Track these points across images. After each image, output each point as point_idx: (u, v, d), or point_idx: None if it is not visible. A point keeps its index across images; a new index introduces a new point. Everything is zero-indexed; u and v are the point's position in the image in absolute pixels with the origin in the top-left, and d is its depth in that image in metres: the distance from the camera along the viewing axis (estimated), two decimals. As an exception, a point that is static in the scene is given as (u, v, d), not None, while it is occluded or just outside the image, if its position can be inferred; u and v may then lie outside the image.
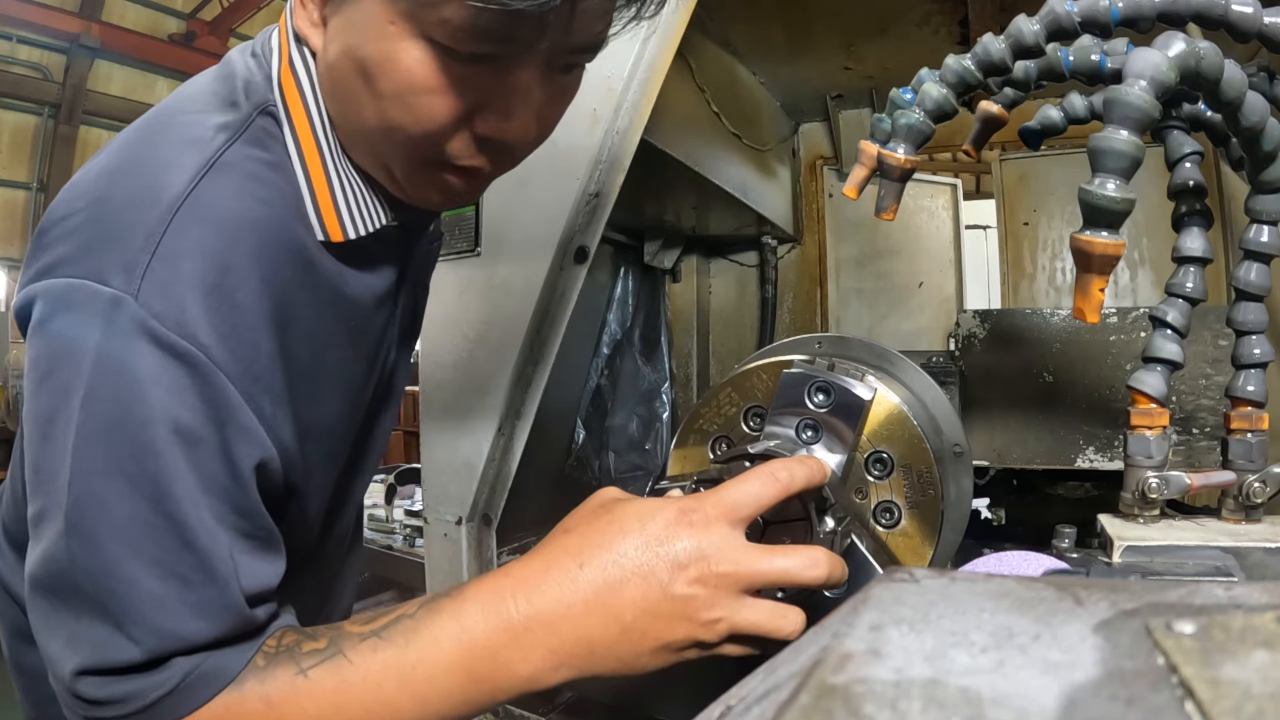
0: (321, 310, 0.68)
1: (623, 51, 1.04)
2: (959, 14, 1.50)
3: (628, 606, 0.57)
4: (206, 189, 0.59)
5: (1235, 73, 0.66)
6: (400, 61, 0.58)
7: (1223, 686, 0.23)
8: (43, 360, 0.58)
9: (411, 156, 0.65)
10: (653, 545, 0.58)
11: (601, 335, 1.76)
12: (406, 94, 0.59)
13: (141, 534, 0.56)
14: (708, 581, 0.57)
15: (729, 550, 0.58)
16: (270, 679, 0.59)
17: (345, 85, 0.63)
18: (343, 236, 0.68)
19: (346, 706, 0.58)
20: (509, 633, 0.58)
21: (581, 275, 1.08)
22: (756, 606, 0.59)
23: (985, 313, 1.23)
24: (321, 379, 0.69)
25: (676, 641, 0.58)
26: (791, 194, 2.14)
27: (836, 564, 0.61)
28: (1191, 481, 0.72)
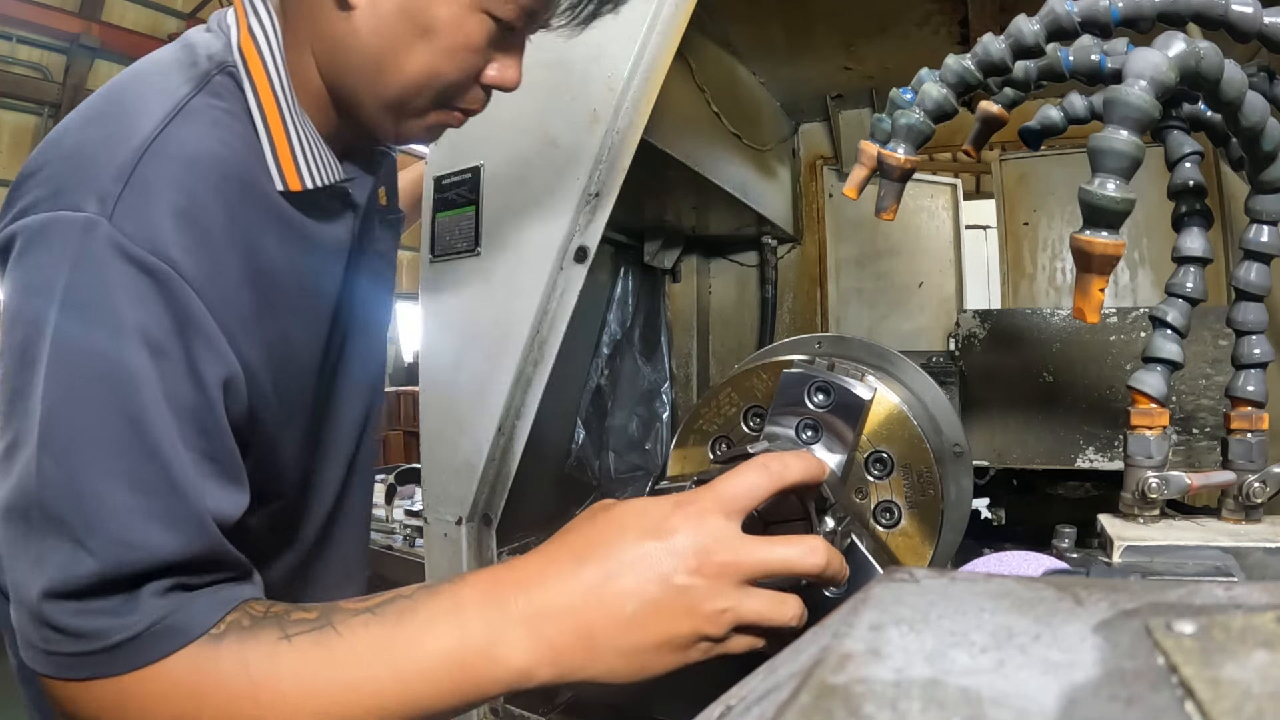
0: (287, 251, 0.73)
1: (623, 51, 1.04)
2: (959, 14, 1.50)
3: (628, 598, 0.57)
4: (174, 130, 0.65)
5: (1235, 73, 0.66)
6: (465, 25, 0.72)
7: (1223, 686, 0.23)
8: (19, 292, 0.61)
9: (436, 98, 0.76)
10: (651, 538, 0.58)
11: (601, 335, 1.76)
12: (460, 49, 0.73)
13: (107, 445, 0.58)
14: (707, 572, 0.57)
15: (727, 540, 0.58)
16: (252, 641, 0.58)
17: (394, 38, 0.72)
18: (301, 186, 0.73)
19: (328, 680, 0.57)
20: (505, 623, 0.57)
21: (581, 275, 1.08)
22: (758, 596, 0.59)
23: (985, 313, 1.23)
24: (287, 316, 0.73)
25: (681, 636, 0.58)
26: (791, 194, 2.14)
27: (835, 554, 0.61)
28: (1191, 481, 0.72)
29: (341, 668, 0.57)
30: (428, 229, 1.23)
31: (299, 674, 0.57)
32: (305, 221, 0.76)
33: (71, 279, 0.59)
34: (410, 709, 0.58)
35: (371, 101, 0.76)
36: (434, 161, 1.23)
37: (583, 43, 1.08)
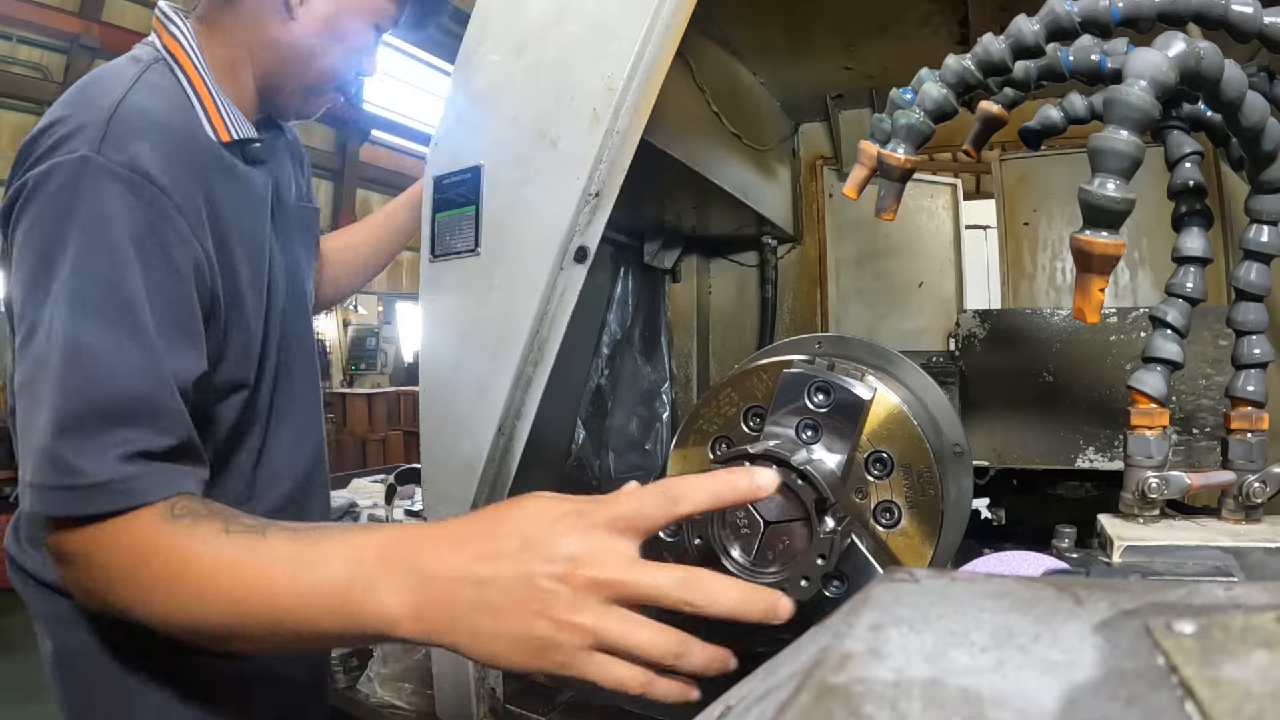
0: (225, 182, 0.96)
1: (623, 51, 1.04)
2: (959, 14, 1.50)
3: (494, 586, 0.59)
4: (132, 96, 0.88)
5: (1235, 73, 0.66)
6: (364, 34, 1.11)
7: (1223, 686, 0.23)
8: (37, 217, 0.80)
9: (330, 83, 1.12)
10: (535, 538, 0.60)
11: (601, 335, 1.76)
12: (357, 50, 1.12)
13: (101, 316, 0.77)
14: (574, 582, 0.58)
15: (601, 556, 0.58)
16: (201, 526, 0.72)
17: (319, 41, 1.06)
18: (229, 137, 0.99)
19: (245, 570, 0.68)
20: (389, 574, 0.63)
21: (581, 275, 1.08)
22: (629, 621, 0.58)
23: (985, 313, 1.23)
24: (230, 226, 0.95)
25: (533, 637, 0.58)
26: (791, 194, 2.14)
27: (730, 589, 0.59)
28: (1191, 481, 0.72)
29: (258, 565, 0.68)
30: (428, 229, 1.23)
31: (226, 559, 0.69)
32: (235, 164, 1.01)
33: (75, 196, 0.79)
34: (293, 615, 0.66)
35: (295, 85, 1.09)
36: (434, 161, 1.23)
37: (583, 43, 1.08)
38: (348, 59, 1.10)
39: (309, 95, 1.11)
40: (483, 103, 1.18)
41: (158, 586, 0.71)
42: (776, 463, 0.71)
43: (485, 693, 1.23)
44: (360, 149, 10.62)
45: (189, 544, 0.71)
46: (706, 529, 0.75)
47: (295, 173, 1.21)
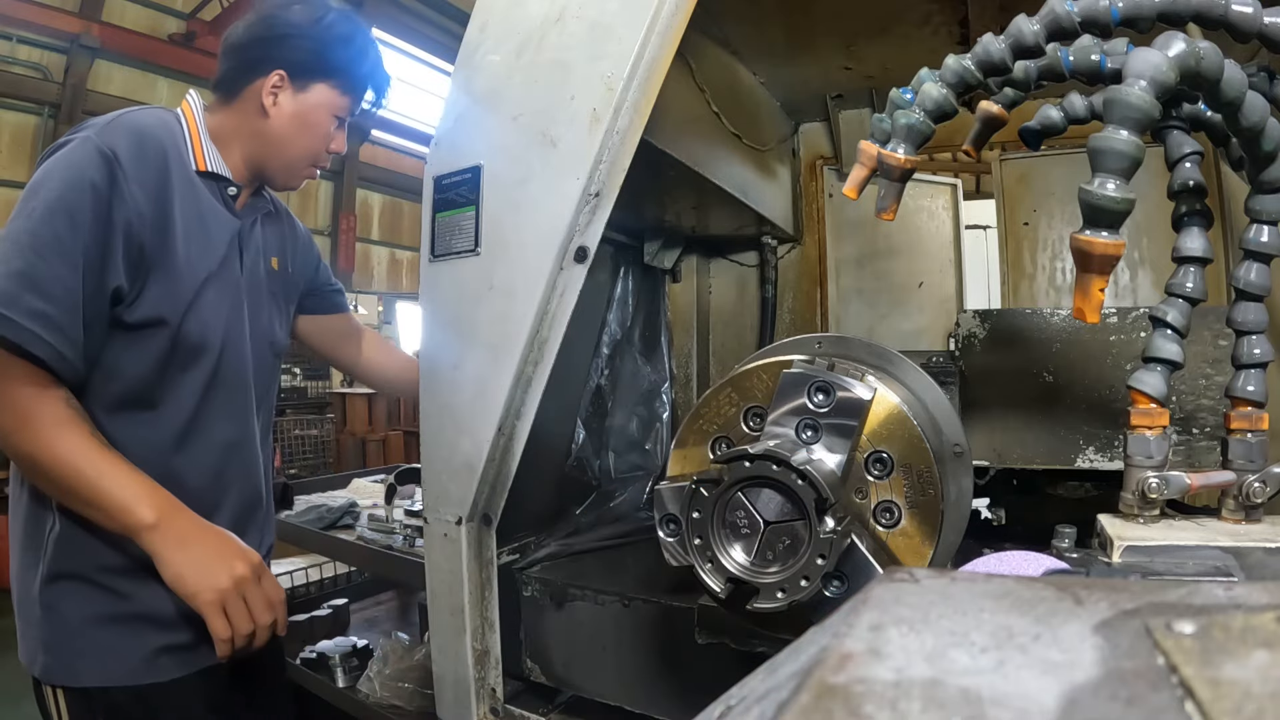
0: (190, 196, 1.33)
1: (623, 51, 1.04)
2: (959, 14, 1.50)
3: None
4: (137, 114, 1.31)
5: (1235, 73, 0.66)
6: (323, 123, 1.47)
7: (1223, 686, 0.23)
8: (41, 169, 1.22)
9: (307, 160, 1.48)
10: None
11: (601, 335, 1.76)
12: (323, 138, 1.48)
13: (49, 235, 1.16)
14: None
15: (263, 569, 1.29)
16: (81, 419, 1.20)
17: (284, 129, 1.44)
18: (204, 167, 1.36)
19: (73, 453, 1.17)
20: (156, 510, 1.19)
21: (581, 275, 1.08)
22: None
23: (985, 313, 1.23)
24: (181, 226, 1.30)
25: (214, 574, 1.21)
26: (791, 194, 2.14)
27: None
28: (1191, 481, 0.72)
29: (83, 453, 1.17)
30: (428, 229, 1.23)
31: (69, 438, 1.17)
32: (205, 191, 1.37)
33: (68, 158, 1.20)
34: (80, 491, 1.18)
35: (276, 164, 1.46)
36: (434, 161, 1.23)
37: (583, 43, 1.08)
38: (314, 144, 1.46)
39: (289, 172, 1.47)
40: (483, 103, 1.18)
41: (40, 429, 1.16)
42: (776, 463, 0.71)
43: (485, 693, 1.23)
44: (360, 149, 10.61)
45: (71, 427, 1.17)
46: (706, 529, 0.75)
47: (274, 244, 1.56)
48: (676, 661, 1.13)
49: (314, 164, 1.49)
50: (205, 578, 1.18)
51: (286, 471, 6.23)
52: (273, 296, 1.54)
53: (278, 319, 1.57)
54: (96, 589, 1.25)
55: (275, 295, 1.56)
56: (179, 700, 1.30)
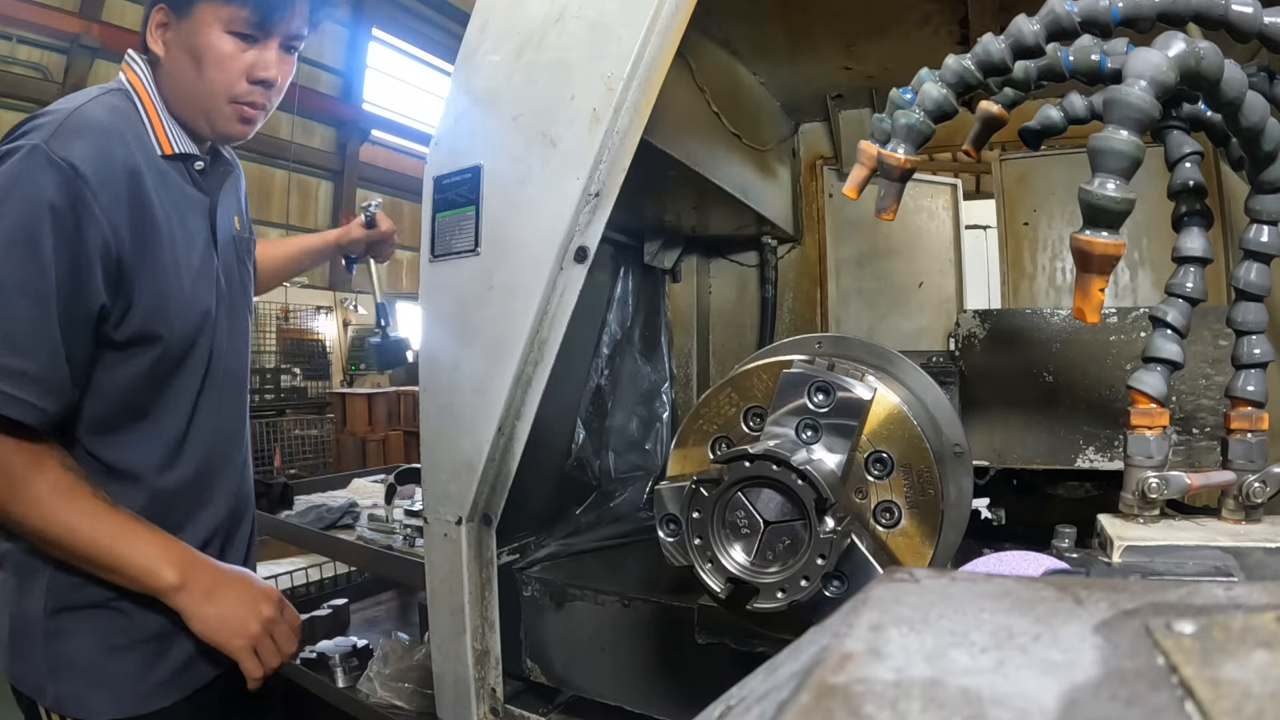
0: (165, 188, 1.22)
1: (623, 51, 1.04)
2: (959, 14, 1.50)
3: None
4: (88, 107, 1.16)
5: (1235, 73, 0.66)
6: (215, 44, 1.21)
7: (1223, 686, 0.23)
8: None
9: (221, 99, 1.24)
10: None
11: (601, 335, 1.76)
12: (219, 60, 1.21)
13: (13, 271, 1.05)
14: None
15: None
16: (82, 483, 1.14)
17: (184, 72, 1.22)
18: (171, 150, 1.24)
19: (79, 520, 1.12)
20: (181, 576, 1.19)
21: (581, 275, 1.08)
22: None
23: (985, 313, 1.23)
24: (162, 225, 1.19)
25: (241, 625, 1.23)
26: (791, 194, 2.14)
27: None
28: (1191, 481, 0.72)
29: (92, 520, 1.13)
30: (428, 229, 1.23)
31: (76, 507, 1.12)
32: (172, 173, 1.25)
33: (17, 176, 1.07)
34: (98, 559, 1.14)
35: (194, 115, 1.26)
36: (434, 161, 1.23)
37: (583, 43, 1.08)
38: (222, 75, 1.21)
39: (210, 118, 1.25)
40: (483, 103, 1.18)
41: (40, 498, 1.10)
42: (776, 463, 0.71)
43: (485, 693, 1.23)
44: (360, 149, 10.62)
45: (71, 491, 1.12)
46: (706, 529, 0.75)
47: (233, 204, 1.43)
48: (676, 661, 1.13)
49: (236, 99, 1.24)
50: (236, 626, 1.20)
51: (286, 471, 6.23)
52: (241, 264, 1.43)
53: (249, 285, 1.48)
54: (107, 614, 1.21)
55: (244, 261, 1.45)
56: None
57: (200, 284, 1.28)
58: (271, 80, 1.25)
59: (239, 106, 1.25)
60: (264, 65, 1.23)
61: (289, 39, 1.27)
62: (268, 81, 1.25)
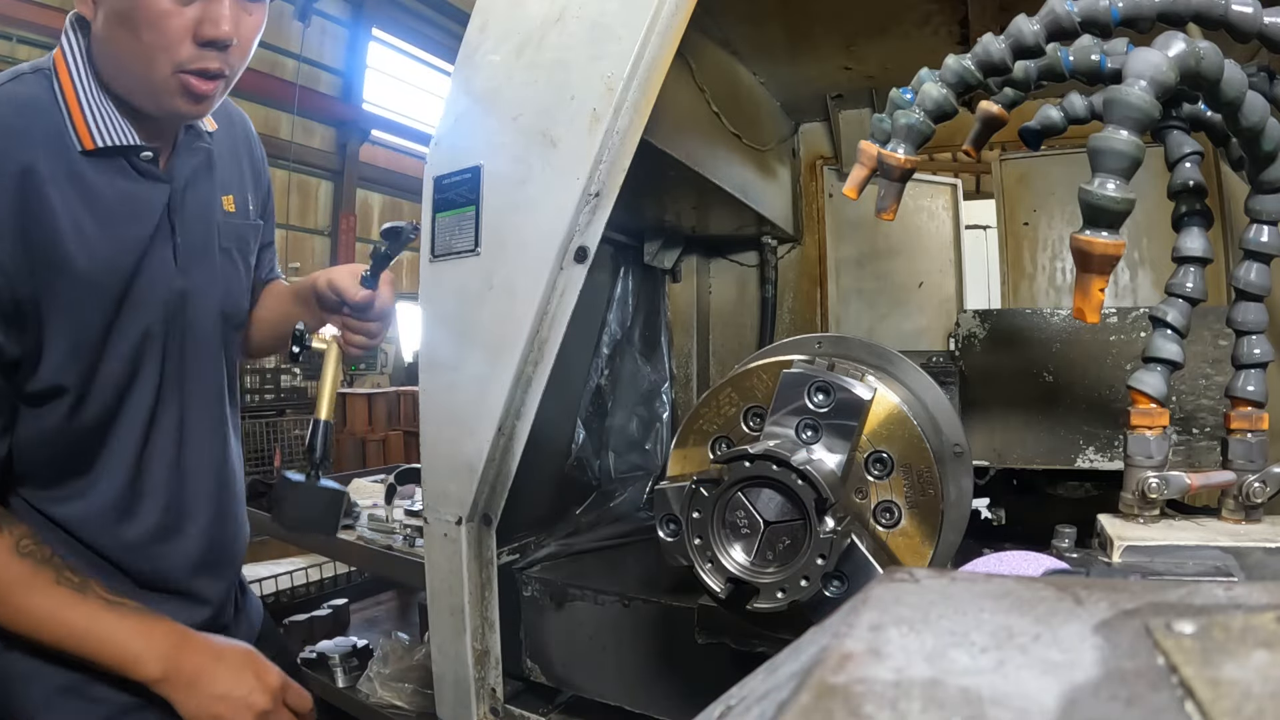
0: (77, 199, 1.00)
1: (623, 51, 1.04)
2: (959, 14, 1.50)
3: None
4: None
5: (1235, 73, 0.66)
6: (157, 6, 0.93)
7: (1223, 686, 0.23)
8: None
9: (163, 68, 0.97)
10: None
11: (601, 335, 1.76)
12: (154, 20, 0.94)
13: None
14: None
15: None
16: (40, 570, 0.99)
17: (115, 37, 0.97)
18: (93, 145, 1.01)
19: (48, 612, 1.00)
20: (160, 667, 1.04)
21: (581, 275, 1.08)
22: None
23: (985, 313, 1.23)
24: (74, 244, 0.99)
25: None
26: (791, 194, 2.14)
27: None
28: (1191, 481, 0.72)
29: (63, 610, 1.00)
30: (428, 229, 1.23)
31: (39, 599, 0.98)
32: (106, 174, 1.03)
33: None
34: (74, 650, 1.01)
35: (134, 91, 1.01)
36: (434, 161, 1.23)
37: (583, 43, 1.08)
38: (159, 38, 0.95)
39: (154, 92, 1.00)
40: (483, 103, 1.17)
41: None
42: (776, 463, 0.71)
43: (485, 693, 1.23)
44: (360, 149, 10.62)
45: (29, 583, 0.98)
46: (706, 529, 0.75)
47: (226, 181, 1.20)
48: (676, 661, 1.13)
49: (180, 67, 0.98)
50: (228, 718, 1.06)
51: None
52: (227, 256, 1.20)
53: (236, 281, 1.24)
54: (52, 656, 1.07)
55: (231, 251, 1.21)
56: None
57: (138, 303, 1.07)
58: (224, 39, 0.96)
59: (186, 77, 0.97)
60: (213, 20, 0.95)
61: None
62: (219, 41, 0.96)
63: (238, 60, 1.03)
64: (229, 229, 1.20)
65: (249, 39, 1.03)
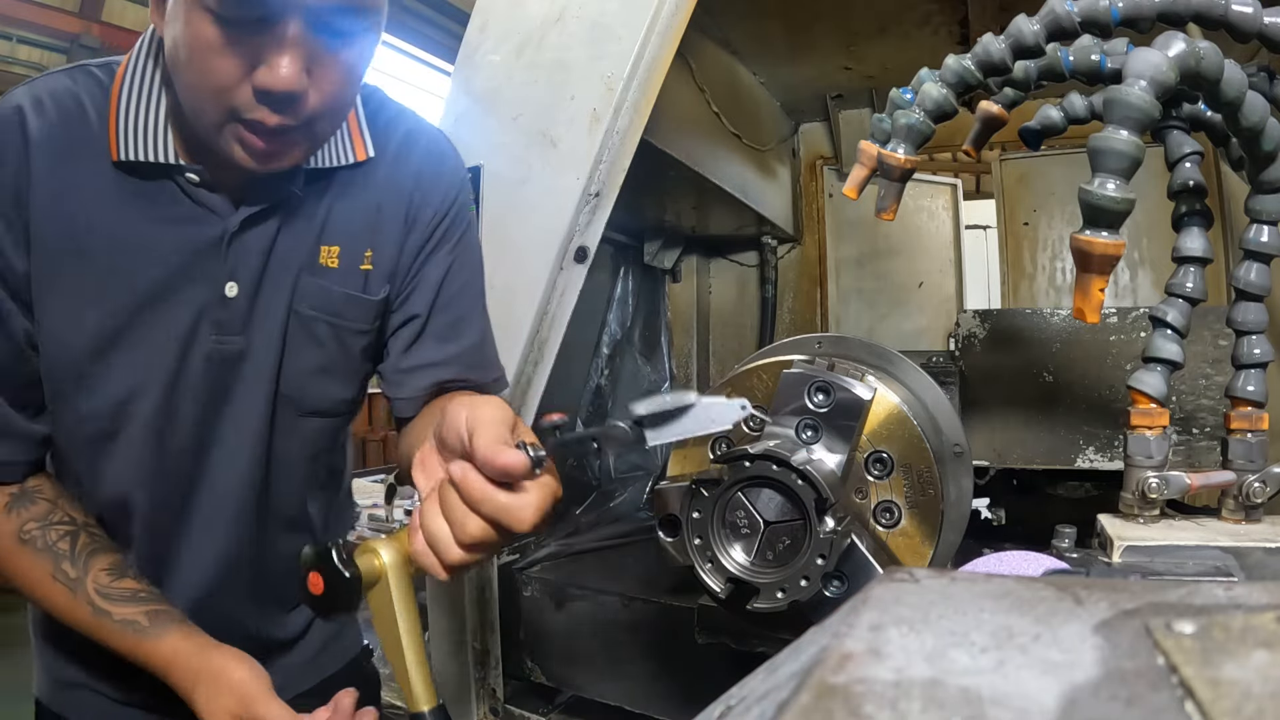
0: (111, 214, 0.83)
1: (623, 51, 1.04)
2: (959, 14, 1.50)
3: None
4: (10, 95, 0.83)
5: (1235, 73, 0.66)
6: (191, 30, 0.72)
7: (1223, 686, 0.23)
8: None
9: (213, 113, 0.76)
10: None
11: (601, 335, 1.76)
12: (197, 57, 0.73)
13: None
14: None
15: None
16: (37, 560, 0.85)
17: (171, 60, 0.78)
18: (117, 156, 0.83)
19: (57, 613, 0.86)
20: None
21: (581, 275, 1.08)
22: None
23: (985, 313, 1.23)
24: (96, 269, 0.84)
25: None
26: (791, 194, 2.14)
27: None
28: (1191, 481, 0.72)
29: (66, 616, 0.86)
30: (428, 229, 1.23)
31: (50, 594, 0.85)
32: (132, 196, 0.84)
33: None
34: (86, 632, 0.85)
35: (189, 121, 0.81)
36: (434, 161, 1.23)
37: (583, 43, 1.08)
38: (204, 75, 0.73)
39: (203, 126, 0.78)
40: (483, 103, 1.18)
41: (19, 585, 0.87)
42: (776, 463, 0.71)
43: (485, 692, 1.23)
44: (360, 149, 10.61)
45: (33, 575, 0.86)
46: (706, 529, 0.75)
47: (333, 232, 0.91)
48: (676, 661, 1.13)
49: (233, 115, 0.74)
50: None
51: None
52: (305, 324, 0.90)
53: (313, 355, 0.92)
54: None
55: (315, 320, 0.91)
56: None
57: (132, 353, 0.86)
58: (284, 92, 0.73)
59: (239, 129, 0.76)
60: (270, 67, 0.72)
61: (325, 14, 0.72)
62: (276, 95, 0.73)
63: (310, 116, 0.77)
64: (316, 290, 0.90)
65: (332, 89, 0.77)
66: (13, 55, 7.28)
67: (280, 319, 0.90)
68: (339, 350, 0.94)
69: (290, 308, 0.90)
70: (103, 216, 0.83)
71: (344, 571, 0.67)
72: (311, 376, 0.93)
